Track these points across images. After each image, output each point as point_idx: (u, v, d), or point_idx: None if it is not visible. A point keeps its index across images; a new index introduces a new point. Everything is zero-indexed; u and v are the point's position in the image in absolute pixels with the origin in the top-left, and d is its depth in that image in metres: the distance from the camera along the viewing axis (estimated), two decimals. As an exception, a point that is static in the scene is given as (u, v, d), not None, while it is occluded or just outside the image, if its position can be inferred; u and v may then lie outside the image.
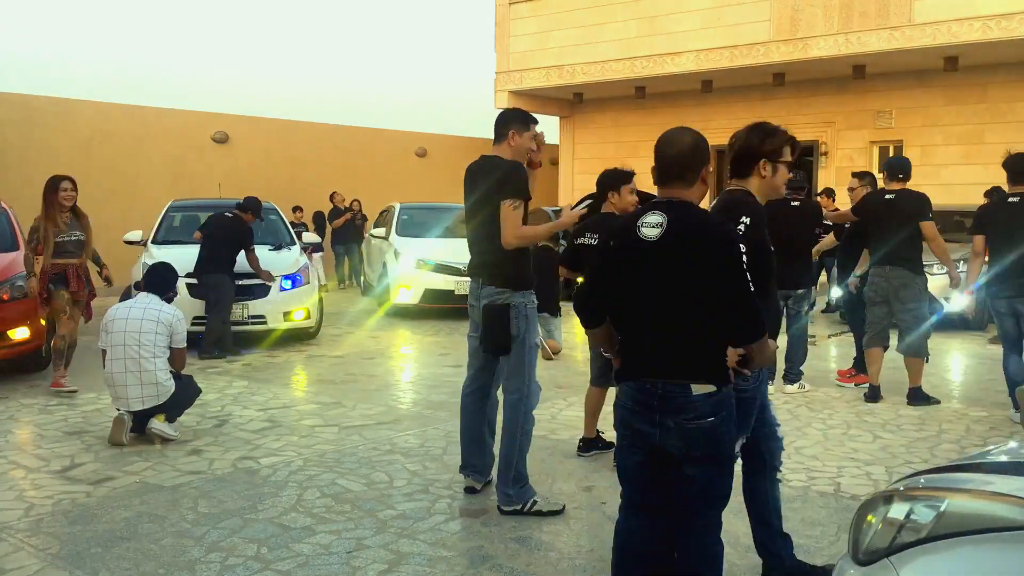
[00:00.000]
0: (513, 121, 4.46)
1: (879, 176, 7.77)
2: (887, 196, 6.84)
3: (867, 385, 7.16)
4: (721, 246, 2.75)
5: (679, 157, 2.87)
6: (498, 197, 4.24)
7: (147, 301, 5.81)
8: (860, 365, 7.56)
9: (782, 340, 6.71)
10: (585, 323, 3.11)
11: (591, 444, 5.46)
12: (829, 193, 12.68)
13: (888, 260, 6.80)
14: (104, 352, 5.71)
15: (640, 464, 2.87)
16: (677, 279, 2.77)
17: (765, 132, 3.40)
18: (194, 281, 9.15)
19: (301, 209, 16.11)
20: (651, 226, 2.79)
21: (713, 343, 2.81)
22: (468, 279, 4.58)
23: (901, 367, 8.11)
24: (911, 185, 6.89)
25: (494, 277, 4.32)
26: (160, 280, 6.05)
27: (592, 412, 5.44)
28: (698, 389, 2.75)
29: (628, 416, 2.86)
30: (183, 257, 9.53)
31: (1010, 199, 6.44)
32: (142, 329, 5.62)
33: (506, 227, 4.21)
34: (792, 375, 7.37)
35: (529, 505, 4.31)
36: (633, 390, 2.84)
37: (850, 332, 10.10)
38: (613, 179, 5.43)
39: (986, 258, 6.71)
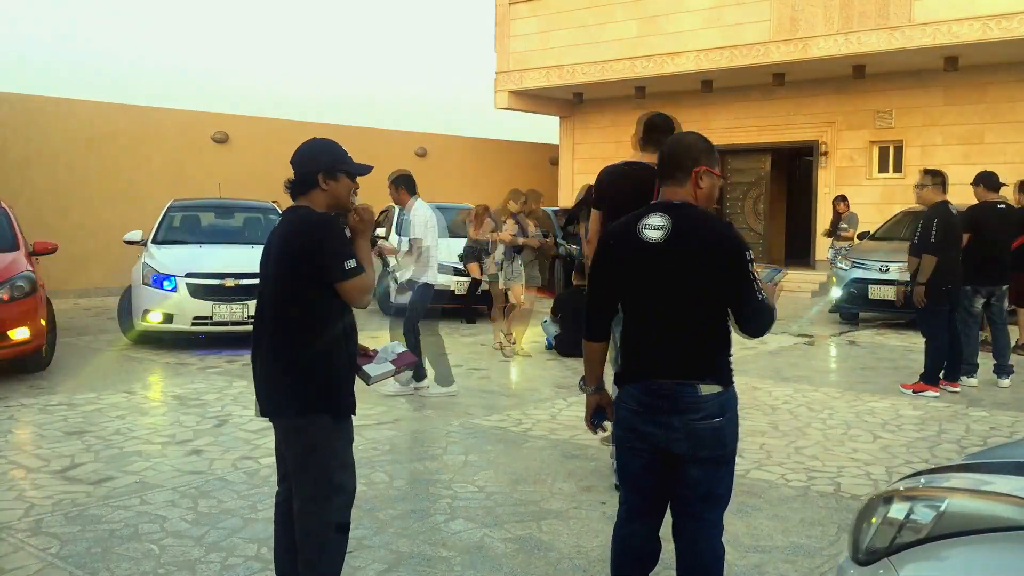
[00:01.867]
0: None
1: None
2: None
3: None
4: (729, 247, 2.76)
5: (668, 156, 2.88)
6: None
7: None
8: (931, 376, 7.25)
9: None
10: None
11: None
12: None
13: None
14: None
15: (642, 468, 2.86)
16: (684, 280, 2.77)
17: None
18: (195, 281, 9.09)
19: None
20: (653, 228, 2.78)
21: (719, 343, 2.82)
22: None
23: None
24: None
25: None
26: None
27: None
28: (706, 389, 2.76)
29: (631, 418, 2.84)
30: (183, 257, 9.55)
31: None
32: None
33: None
34: (1005, 368, 7.62)
35: None
36: (638, 391, 2.82)
37: (847, 333, 10.12)
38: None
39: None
